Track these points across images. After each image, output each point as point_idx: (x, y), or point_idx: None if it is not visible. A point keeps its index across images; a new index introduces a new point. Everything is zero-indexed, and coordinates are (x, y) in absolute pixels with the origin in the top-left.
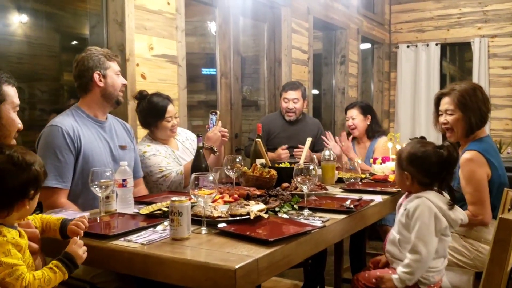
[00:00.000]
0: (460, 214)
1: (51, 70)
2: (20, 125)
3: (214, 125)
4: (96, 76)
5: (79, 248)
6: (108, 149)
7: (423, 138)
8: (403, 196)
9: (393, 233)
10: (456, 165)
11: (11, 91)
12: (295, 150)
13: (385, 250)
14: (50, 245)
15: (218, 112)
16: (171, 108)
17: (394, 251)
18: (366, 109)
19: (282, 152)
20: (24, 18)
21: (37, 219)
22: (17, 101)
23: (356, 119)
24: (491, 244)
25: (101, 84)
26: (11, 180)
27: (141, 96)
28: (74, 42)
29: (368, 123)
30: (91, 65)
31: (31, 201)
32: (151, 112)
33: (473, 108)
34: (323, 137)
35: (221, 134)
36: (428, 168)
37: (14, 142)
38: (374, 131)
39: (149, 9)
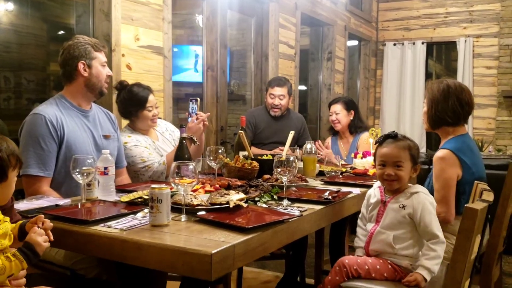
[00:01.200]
0: (434, 200)
1: (38, 59)
2: None
3: (195, 113)
4: (80, 65)
5: (38, 236)
6: (92, 138)
7: (395, 132)
8: (379, 191)
9: (383, 231)
10: None
11: None
12: (279, 147)
13: (368, 248)
14: None
15: (198, 99)
16: (151, 98)
17: (384, 248)
18: (350, 105)
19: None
20: (10, 6)
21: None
22: None
23: (340, 114)
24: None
25: (85, 74)
26: None
27: (122, 86)
28: (61, 32)
29: (351, 118)
30: (77, 54)
31: None
32: (132, 102)
33: (438, 103)
34: (317, 145)
35: (200, 119)
36: None
37: None
38: (357, 126)
39: None
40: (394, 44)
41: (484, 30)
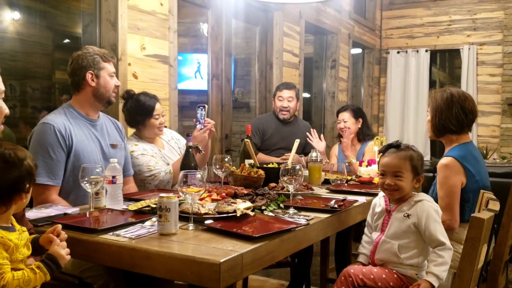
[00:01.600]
0: (439, 208)
1: (43, 68)
2: (6, 110)
3: (203, 119)
4: (88, 75)
5: (61, 249)
6: (99, 147)
7: (398, 142)
8: (384, 200)
9: (388, 240)
10: None
11: None
12: (285, 154)
13: (374, 258)
14: None
15: (205, 106)
16: (158, 107)
17: (389, 257)
18: (358, 113)
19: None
20: (16, 15)
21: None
22: (2, 87)
23: (348, 122)
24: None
25: (93, 84)
26: (6, 176)
27: (128, 96)
28: (67, 41)
29: (359, 126)
30: (85, 64)
31: (27, 194)
32: (139, 110)
33: (442, 112)
34: (307, 133)
35: (206, 128)
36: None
37: (1, 128)
38: (364, 134)
39: (142, 9)
40: (398, 52)
41: (487, 38)
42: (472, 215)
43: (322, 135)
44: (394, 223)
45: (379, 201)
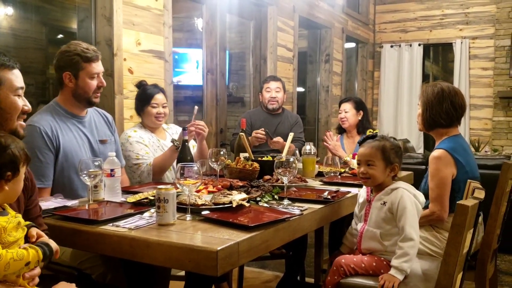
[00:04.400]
0: (422, 197)
1: (38, 63)
2: (26, 107)
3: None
4: (66, 76)
5: (54, 243)
6: (88, 144)
7: (375, 133)
8: (366, 191)
9: (370, 229)
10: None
11: (9, 75)
12: (273, 139)
13: (360, 248)
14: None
15: (196, 107)
16: (159, 96)
17: (375, 246)
18: (360, 105)
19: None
20: (9, 10)
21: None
22: (18, 84)
23: (349, 112)
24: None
25: (71, 85)
26: None
27: (139, 85)
28: (62, 36)
29: (359, 118)
30: (62, 65)
31: (9, 183)
32: (140, 98)
33: (433, 106)
34: (324, 137)
35: (197, 128)
36: (401, 159)
37: (18, 124)
38: (364, 127)
39: (137, 5)
40: (391, 46)
41: (480, 32)
42: (457, 202)
43: (324, 136)
44: (374, 212)
45: (362, 192)
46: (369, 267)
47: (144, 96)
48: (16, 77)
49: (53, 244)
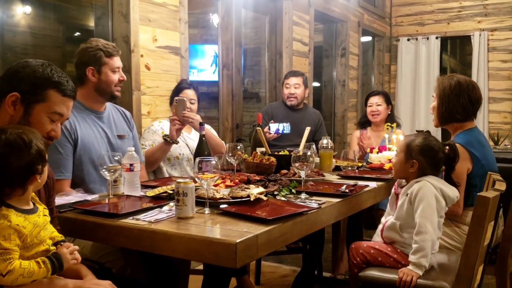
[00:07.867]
0: (456, 192)
1: (55, 61)
2: (54, 132)
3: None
4: (89, 71)
5: (68, 253)
6: (106, 139)
7: (428, 132)
8: (397, 187)
9: (391, 220)
10: (455, 164)
11: (56, 97)
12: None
13: (383, 236)
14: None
15: (180, 99)
16: (188, 92)
17: (394, 236)
18: (388, 99)
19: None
20: (27, 9)
21: None
22: (59, 109)
23: (381, 106)
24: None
25: (94, 80)
26: (15, 162)
27: (179, 82)
28: (79, 34)
29: (389, 112)
30: (85, 60)
31: (41, 175)
32: (173, 91)
33: (449, 101)
34: (361, 137)
35: (185, 118)
36: (436, 161)
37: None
38: (392, 121)
39: (153, 1)
40: (408, 40)
41: (499, 24)
42: (478, 194)
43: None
44: (399, 204)
45: (392, 189)
46: (390, 253)
47: (176, 89)
48: (62, 104)
49: (66, 260)
